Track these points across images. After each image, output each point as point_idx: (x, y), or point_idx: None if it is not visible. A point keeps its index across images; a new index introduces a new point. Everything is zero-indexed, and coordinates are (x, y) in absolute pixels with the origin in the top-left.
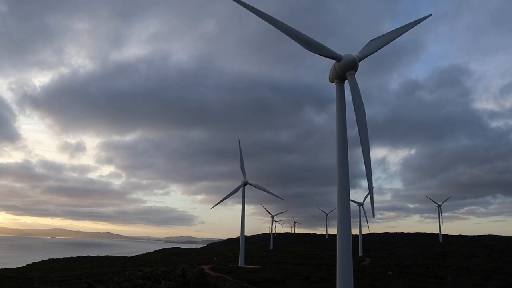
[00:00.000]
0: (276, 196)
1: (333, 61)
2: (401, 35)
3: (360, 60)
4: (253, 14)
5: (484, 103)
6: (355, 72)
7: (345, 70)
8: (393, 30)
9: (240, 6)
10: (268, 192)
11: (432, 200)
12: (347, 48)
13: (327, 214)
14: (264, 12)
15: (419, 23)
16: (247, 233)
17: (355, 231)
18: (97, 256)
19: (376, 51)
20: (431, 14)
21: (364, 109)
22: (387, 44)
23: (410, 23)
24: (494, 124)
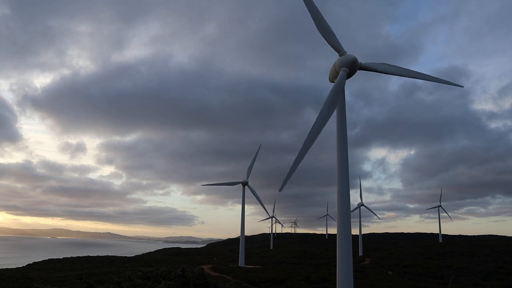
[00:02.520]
0: (265, 210)
1: (333, 62)
2: (412, 77)
3: (360, 67)
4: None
5: (482, 104)
6: (349, 72)
7: (341, 65)
8: (409, 69)
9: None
10: (260, 202)
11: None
12: (347, 50)
13: (327, 214)
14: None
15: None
16: (247, 233)
17: (355, 231)
18: (97, 256)
19: (381, 72)
20: (463, 86)
21: (333, 107)
22: (394, 74)
23: (435, 77)
24: (492, 125)
